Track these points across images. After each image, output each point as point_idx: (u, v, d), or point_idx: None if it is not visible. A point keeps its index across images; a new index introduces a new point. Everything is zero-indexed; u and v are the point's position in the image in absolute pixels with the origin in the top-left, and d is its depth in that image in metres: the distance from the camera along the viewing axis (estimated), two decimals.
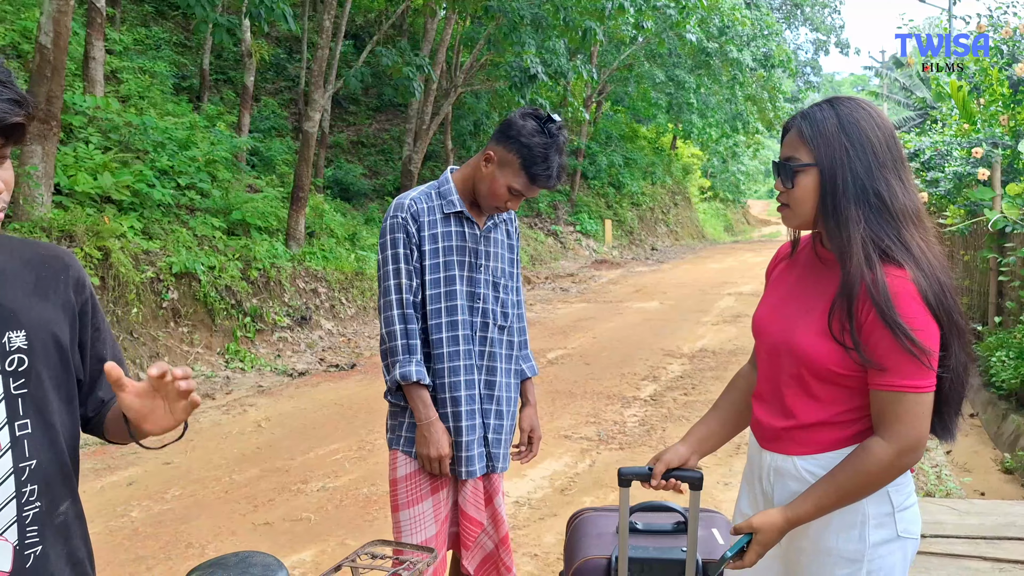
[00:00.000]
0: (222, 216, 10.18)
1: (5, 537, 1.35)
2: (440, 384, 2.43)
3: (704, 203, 35.34)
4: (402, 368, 2.36)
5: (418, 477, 2.45)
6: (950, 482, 4.94)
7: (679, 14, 15.30)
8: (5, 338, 1.35)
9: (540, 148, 2.32)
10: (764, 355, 1.81)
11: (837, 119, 1.63)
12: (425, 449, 2.38)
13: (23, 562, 1.36)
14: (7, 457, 1.34)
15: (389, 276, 2.41)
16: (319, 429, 6.12)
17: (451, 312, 2.42)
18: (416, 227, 2.40)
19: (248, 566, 1.51)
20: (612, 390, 7.25)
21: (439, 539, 2.48)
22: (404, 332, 2.38)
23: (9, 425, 1.35)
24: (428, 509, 2.46)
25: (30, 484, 1.37)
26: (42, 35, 7.22)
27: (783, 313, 1.75)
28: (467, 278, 2.44)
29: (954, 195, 8.17)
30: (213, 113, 13.48)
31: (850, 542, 1.64)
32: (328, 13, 10.77)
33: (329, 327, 10.26)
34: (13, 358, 1.35)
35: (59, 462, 1.42)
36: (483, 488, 2.55)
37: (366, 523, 4.31)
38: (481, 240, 2.47)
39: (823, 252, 1.72)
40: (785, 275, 1.85)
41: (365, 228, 13.93)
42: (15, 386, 1.36)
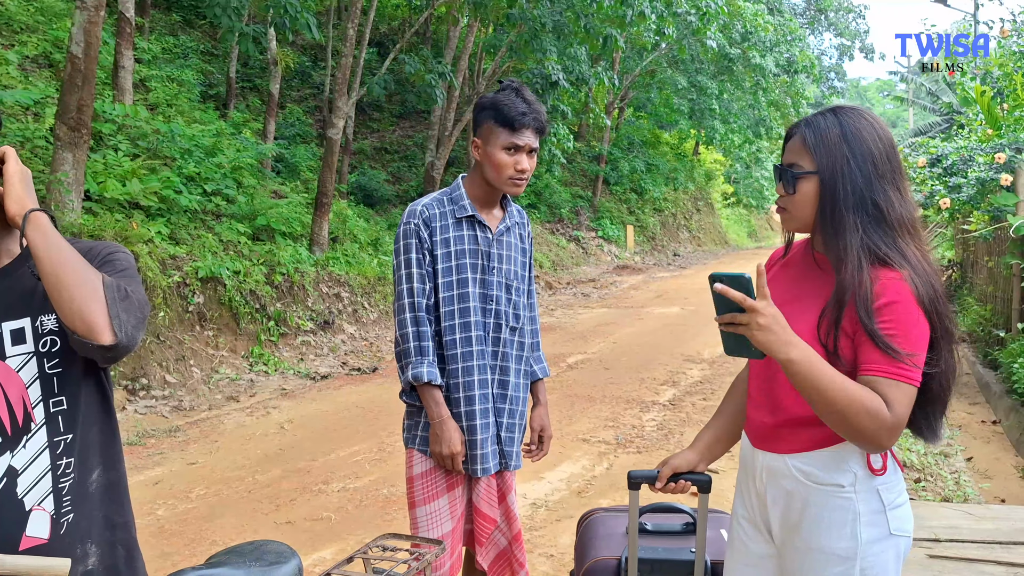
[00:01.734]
0: (247, 221, 10.35)
1: (43, 507, 1.46)
2: (454, 384, 2.49)
3: (727, 209, 35.20)
4: (414, 369, 2.43)
5: (434, 475, 2.52)
6: (969, 488, 4.92)
7: (700, 20, 15.30)
8: (38, 322, 1.48)
9: (503, 98, 2.44)
10: None
11: (840, 128, 1.68)
12: (438, 447, 2.44)
13: (57, 529, 1.47)
14: (42, 433, 1.47)
15: (402, 280, 2.48)
16: (340, 431, 6.21)
17: (464, 314, 2.48)
18: (428, 232, 2.47)
19: (262, 553, 1.60)
20: (631, 394, 7.28)
21: (455, 535, 2.55)
22: (417, 334, 2.45)
23: (44, 402, 1.47)
24: (444, 506, 2.52)
25: (65, 457, 1.49)
26: (73, 45, 7.39)
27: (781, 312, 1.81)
28: (480, 280, 2.50)
29: (977, 201, 8.11)
30: (239, 120, 13.68)
31: (842, 540, 1.67)
32: (352, 22, 10.91)
33: (352, 331, 10.38)
34: (46, 339, 1.48)
35: (90, 434, 1.54)
36: (496, 486, 2.61)
37: (385, 522, 4.38)
38: (493, 243, 2.53)
39: (818, 256, 1.77)
40: (779, 278, 1.90)
41: (388, 233, 14.05)
42: (49, 366, 1.48)
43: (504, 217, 2.59)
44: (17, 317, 1.47)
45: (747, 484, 1.89)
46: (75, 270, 1.43)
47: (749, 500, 1.88)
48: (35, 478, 1.46)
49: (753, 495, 1.86)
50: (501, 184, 2.47)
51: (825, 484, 1.69)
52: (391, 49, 20.60)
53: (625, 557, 2.28)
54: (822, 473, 1.70)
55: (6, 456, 1.43)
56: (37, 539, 1.46)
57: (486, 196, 2.54)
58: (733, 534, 1.97)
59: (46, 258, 1.41)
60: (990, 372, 8.07)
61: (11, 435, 1.43)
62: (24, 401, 1.45)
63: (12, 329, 1.46)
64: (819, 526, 1.69)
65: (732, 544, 1.97)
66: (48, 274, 1.41)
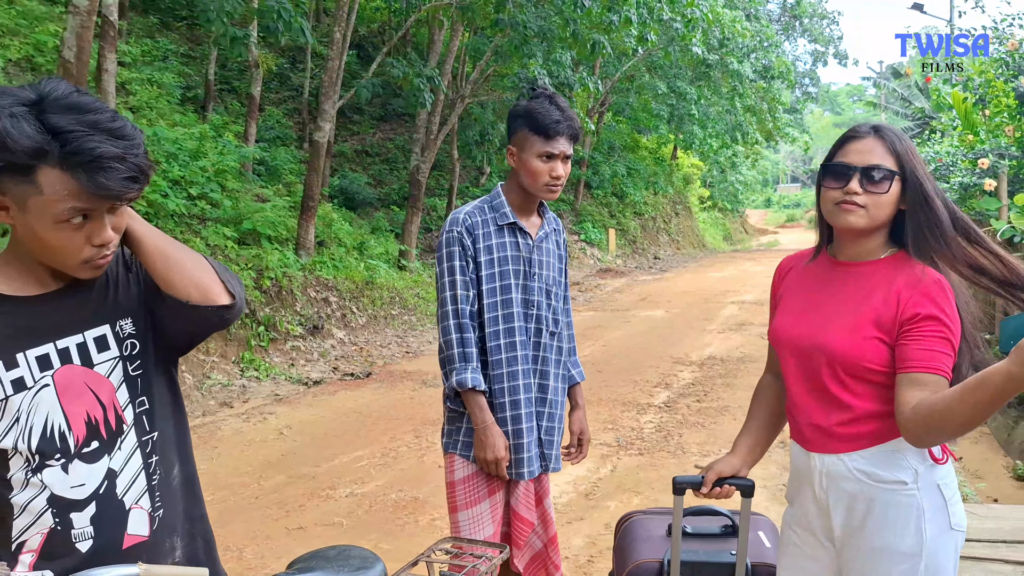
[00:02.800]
0: (233, 226, 10.28)
1: (140, 505, 1.51)
2: (499, 389, 2.53)
3: (703, 212, 35.52)
4: (459, 375, 2.47)
5: (476, 480, 2.55)
6: (965, 488, 5.03)
7: (685, 27, 15.44)
8: (117, 327, 1.52)
9: (536, 106, 2.49)
10: (794, 360, 1.90)
11: (908, 141, 1.79)
12: (483, 452, 2.48)
13: (153, 525, 1.52)
14: (132, 434, 1.52)
15: (446, 288, 2.52)
16: (341, 437, 6.21)
17: (508, 319, 2.53)
18: (471, 240, 2.52)
19: (347, 558, 1.64)
20: (626, 397, 7.35)
21: (495, 538, 2.59)
22: (460, 340, 2.49)
23: (132, 403, 1.53)
24: (486, 510, 2.56)
25: (153, 455, 1.55)
26: (66, 50, 7.33)
27: (811, 319, 1.86)
28: (522, 286, 2.55)
29: (960, 205, 8.30)
30: (219, 123, 13.58)
31: (907, 537, 1.72)
32: (339, 25, 10.90)
33: (341, 336, 10.35)
34: (127, 343, 1.53)
35: (169, 431, 1.59)
36: (534, 490, 2.66)
37: (398, 527, 4.40)
38: (534, 249, 2.58)
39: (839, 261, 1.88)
40: (800, 285, 1.97)
41: (372, 237, 14.03)
42: (132, 368, 1.53)
43: (543, 224, 2.64)
44: (97, 325, 1.50)
45: (802, 491, 1.92)
46: (180, 246, 1.51)
47: (804, 507, 1.91)
48: (131, 478, 1.51)
49: (810, 501, 1.89)
50: (537, 191, 2.52)
51: (888, 483, 1.74)
52: (371, 52, 20.64)
53: (667, 559, 2.33)
54: (883, 472, 1.74)
55: (105, 459, 1.48)
56: (138, 536, 1.51)
57: (524, 203, 2.58)
58: (785, 540, 2.02)
59: (149, 239, 1.48)
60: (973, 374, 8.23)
61: (107, 439, 1.48)
62: (115, 405, 1.50)
63: (95, 337, 1.49)
64: (884, 525, 1.74)
65: (786, 551, 2.01)
66: (154, 253, 1.47)
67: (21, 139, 1.26)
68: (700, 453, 5.67)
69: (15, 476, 1.43)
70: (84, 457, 1.46)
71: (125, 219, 1.44)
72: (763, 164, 38.23)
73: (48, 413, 1.43)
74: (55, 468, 1.43)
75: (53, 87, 1.33)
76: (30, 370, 1.42)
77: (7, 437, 1.41)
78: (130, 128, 1.35)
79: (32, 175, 1.30)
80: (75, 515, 1.45)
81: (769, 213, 62.70)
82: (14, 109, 1.28)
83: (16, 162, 1.28)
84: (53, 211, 1.32)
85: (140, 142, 1.36)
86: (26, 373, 1.42)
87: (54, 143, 1.28)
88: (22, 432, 1.41)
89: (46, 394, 1.43)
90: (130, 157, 1.32)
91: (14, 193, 1.32)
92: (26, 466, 1.43)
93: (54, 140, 1.28)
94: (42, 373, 1.43)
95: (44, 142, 1.28)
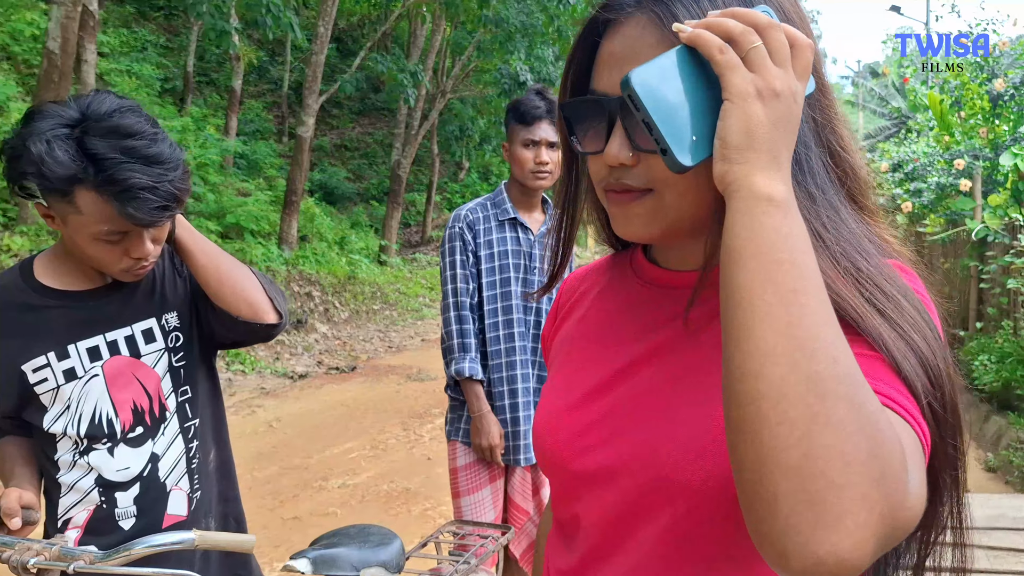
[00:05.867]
0: (216, 220, 10.28)
1: (180, 487, 1.60)
2: (497, 378, 2.61)
3: None
4: (457, 364, 2.56)
5: (477, 467, 2.64)
6: None
7: None
8: (163, 320, 1.60)
9: (522, 99, 2.62)
10: (597, 503, 0.83)
11: None
12: (478, 439, 2.57)
13: (191, 506, 1.61)
14: (175, 420, 1.61)
15: (447, 281, 2.62)
16: (330, 429, 6.27)
17: (507, 311, 2.61)
18: (472, 235, 2.60)
19: (368, 535, 1.70)
20: None
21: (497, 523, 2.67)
22: (460, 332, 2.58)
23: (175, 392, 1.61)
24: (487, 496, 2.65)
25: (194, 440, 1.63)
26: (50, 41, 7.30)
27: (630, 411, 0.82)
28: (522, 280, 2.63)
29: (935, 205, 8.48)
30: (199, 116, 13.52)
31: None
32: (323, 19, 10.90)
33: (324, 330, 10.38)
34: (172, 336, 1.61)
35: (208, 418, 1.68)
36: (531, 479, 2.74)
37: (391, 517, 4.48)
38: (535, 244, 2.66)
39: (656, 272, 0.90)
40: (601, 324, 0.94)
41: (353, 232, 14.05)
42: (176, 359, 1.61)
43: (546, 219, 2.71)
44: (144, 318, 1.58)
45: None
46: (230, 260, 1.59)
47: None
48: (173, 461, 1.59)
49: None
50: (525, 179, 2.59)
51: None
52: (351, 46, 20.58)
53: None
54: None
55: (148, 444, 1.56)
56: (177, 516, 1.59)
57: (524, 197, 2.66)
58: None
59: (201, 253, 1.55)
60: None
61: (151, 425, 1.57)
62: (160, 393, 1.58)
63: (143, 330, 1.57)
64: None
65: None
66: (206, 267, 1.55)
67: (55, 167, 1.32)
68: None
69: (63, 458, 1.53)
70: (129, 442, 1.54)
71: (166, 231, 1.50)
72: None
73: (97, 401, 1.52)
74: (102, 451, 1.52)
75: (97, 105, 1.38)
76: (81, 361, 1.51)
77: (57, 423, 1.51)
78: (168, 151, 1.39)
79: (71, 196, 1.36)
80: (119, 495, 1.54)
81: None
82: (54, 132, 1.34)
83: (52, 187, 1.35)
84: (90, 230, 1.40)
85: (177, 165, 1.40)
86: (77, 364, 1.51)
87: (90, 168, 1.34)
88: (72, 419, 1.51)
89: (96, 383, 1.52)
90: (163, 186, 1.36)
91: (56, 208, 1.40)
92: (74, 448, 1.52)
93: (91, 165, 1.34)
94: (92, 364, 1.52)
95: (79, 169, 1.33)
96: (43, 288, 1.52)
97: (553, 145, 2.57)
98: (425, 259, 15.43)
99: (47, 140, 1.33)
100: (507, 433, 2.61)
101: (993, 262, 7.19)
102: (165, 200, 1.38)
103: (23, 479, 1.54)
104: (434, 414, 6.68)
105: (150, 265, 1.50)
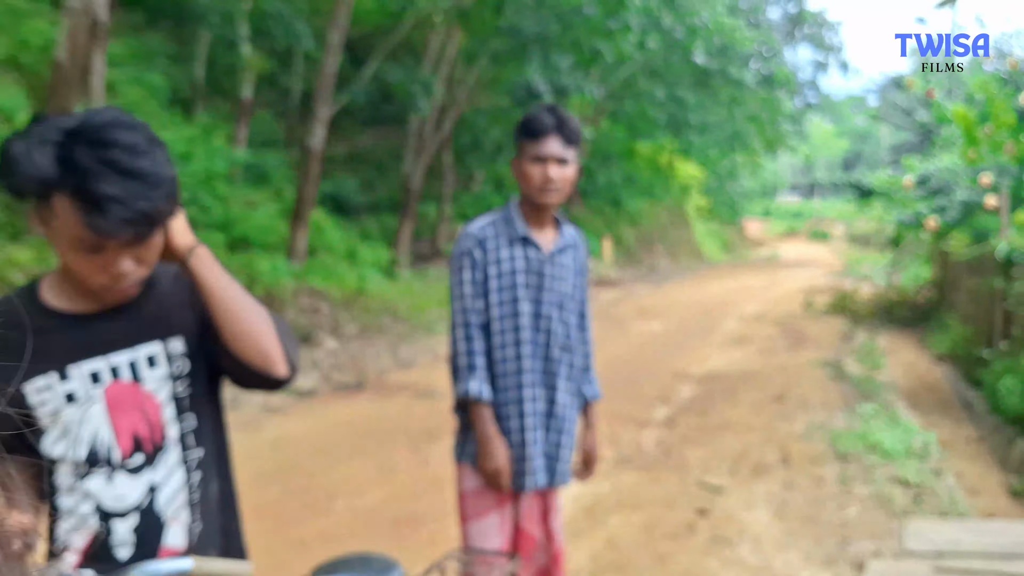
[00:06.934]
0: (223, 231, 10.19)
1: (178, 519, 1.58)
2: (505, 399, 2.53)
3: (701, 223, 35.54)
4: (464, 384, 2.49)
5: (485, 490, 2.55)
6: (963, 504, 5.01)
7: (687, 36, 15.44)
8: (170, 346, 1.58)
9: (530, 113, 2.55)
10: None
11: None
12: (484, 462, 2.49)
13: (190, 539, 1.59)
14: (176, 450, 1.58)
15: (456, 299, 2.55)
16: (336, 449, 6.12)
17: (516, 331, 2.53)
18: (482, 253, 2.53)
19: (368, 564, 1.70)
20: (624, 411, 7.27)
21: (503, 551, 2.57)
22: (468, 351, 2.51)
23: (177, 421, 1.58)
24: (495, 521, 2.56)
25: (195, 472, 1.61)
26: (59, 51, 7.24)
27: None
28: (532, 300, 2.55)
29: (960, 222, 8.29)
30: (207, 126, 13.44)
31: None
32: (336, 29, 10.82)
33: (332, 346, 10.24)
34: (177, 362, 1.59)
35: (210, 450, 1.65)
36: (539, 506, 2.66)
37: (398, 540, 4.34)
38: (546, 263, 2.57)
39: None
40: None
41: (362, 244, 13.93)
42: (180, 387, 1.59)
43: (558, 237, 2.62)
44: (148, 343, 1.56)
45: None
46: (249, 304, 1.56)
47: None
48: (172, 493, 1.57)
49: None
50: (533, 195, 2.51)
51: None
52: (361, 55, 20.52)
53: None
54: None
55: (148, 473, 1.54)
56: (175, 548, 1.57)
57: (535, 214, 2.58)
58: None
59: (219, 293, 1.53)
60: (973, 391, 8.21)
61: (151, 454, 1.55)
62: (161, 422, 1.56)
63: (147, 355, 1.55)
64: None
65: None
66: (221, 309, 1.52)
67: (29, 169, 1.33)
68: (702, 469, 5.62)
69: (62, 483, 1.52)
70: (128, 471, 1.53)
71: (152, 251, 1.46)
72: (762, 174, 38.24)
73: (96, 426, 1.51)
74: (100, 478, 1.52)
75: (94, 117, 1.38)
76: (82, 384, 1.50)
77: (57, 447, 1.50)
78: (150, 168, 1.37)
79: (49, 200, 1.37)
80: (117, 523, 1.53)
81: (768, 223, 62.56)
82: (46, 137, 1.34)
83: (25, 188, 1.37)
84: (66, 236, 1.39)
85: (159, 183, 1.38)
86: (78, 387, 1.50)
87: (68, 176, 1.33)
88: (71, 443, 1.50)
89: (96, 408, 1.51)
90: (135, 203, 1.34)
91: (41, 214, 1.40)
92: (73, 474, 1.51)
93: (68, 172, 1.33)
94: (93, 387, 1.51)
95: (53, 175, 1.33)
96: (46, 309, 1.52)
97: (562, 161, 2.49)
98: (436, 272, 15.30)
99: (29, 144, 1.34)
100: (515, 457, 2.53)
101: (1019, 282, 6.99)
102: (134, 216, 1.35)
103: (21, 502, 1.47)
104: (443, 434, 6.50)
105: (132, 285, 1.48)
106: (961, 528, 4.48)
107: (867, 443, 6.09)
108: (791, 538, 4.45)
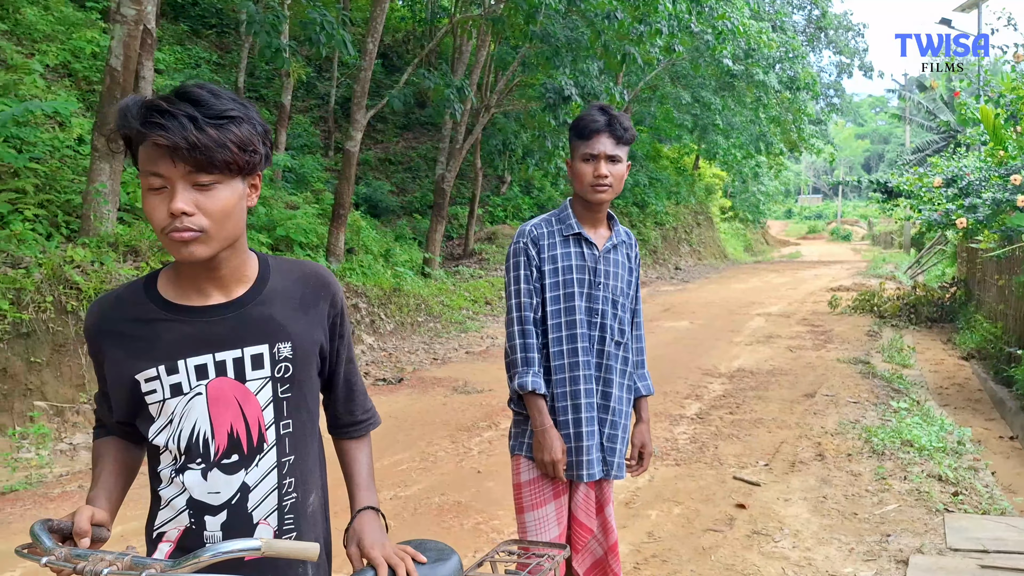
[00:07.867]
0: (267, 232, 10.47)
1: (267, 522, 1.58)
2: (560, 393, 2.62)
3: (725, 223, 35.49)
4: (520, 379, 2.58)
5: (541, 482, 2.64)
6: (1003, 501, 5.06)
7: (716, 39, 15.52)
8: (276, 348, 1.57)
9: (582, 114, 2.63)
10: None
11: None
12: (540, 454, 2.58)
13: None
14: (272, 453, 1.58)
15: (512, 295, 2.64)
16: (379, 441, 6.32)
17: (571, 326, 2.62)
18: (536, 250, 2.63)
19: (426, 550, 1.73)
20: (657, 408, 7.42)
21: (560, 541, 2.67)
22: (524, 346, 2.60)
23: (276, 424, 1.58)
24: (552, 512, 2.65)
25: (289, 477, 1.60)
26: (112, 58, 7.52)
27: None
28: (587, 295, 2.64)
29: (990, 221, 8.33)
30: None
31: None
32: (372, 36, 11.07)
33: (370, 342, 10.49)
34: (281, 366, 1.58)
35: (311, 458, 1.65)
36: (595, 497, 2.73)
37: (444, 530, 4.50)
38: (600, 260, 2.66)
39: None
40: None
41: (397, 245, 14.19)
42: (282, 390, 1.58)
43: (611, 236, 2.71)
44: (256, 343, 1.56)
45: None
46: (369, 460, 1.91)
47: None
48: (263, 495, 1.57)
49: None
50: (584, 193, 2.60)
51: None
52: (395, 61, 20.83)
53: None
54: None
55: (241, 473, 1.55)
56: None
57: (588, 213, 2.67)
58: None
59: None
60: (1003, 389, 8.26)
61: (247, 454, 1.55)
62: (260, 423, 1.56)
63: (253, 354, 1.55)
64: None
65: None
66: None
67: (122, 119, 1.41)
68: (737, 464, 5.74)
69: (164, 472, 1.56)
70: (223, 467, 1.54)
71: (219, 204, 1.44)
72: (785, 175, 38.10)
73: (197, 420, 1.52)
74: (196, 472, 1.53)
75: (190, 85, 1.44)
76: (188, 377, 1.51)
77: (161, 435, 1.53)
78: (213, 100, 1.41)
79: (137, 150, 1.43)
80: (208, 518, 1.54)
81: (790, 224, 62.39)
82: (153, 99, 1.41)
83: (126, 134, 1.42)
84: (144, 178, 1.43)
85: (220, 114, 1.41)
86: (184, 380, 1.51)
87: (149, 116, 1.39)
88: (173, 433, 1.53)
89: (198, 402, 1.52)
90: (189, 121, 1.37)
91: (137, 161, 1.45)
92: (173, 464, 1.54)
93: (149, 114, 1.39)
94: (198, 381, 1.52)
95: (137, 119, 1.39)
96: (162, 300, 1.54)
97: (613, 158, 2.58)
98: (468, 272, 15.53)
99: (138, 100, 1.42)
100: (570, 448, 2.61)
101: None
102: (184, 130, 1.36)
103: (103, 489, 1.57)
104: (481, 427, 6.71)
105: (187, 233, 1.41)
106: (1004, 525, 4.44)
107: (902, 439, 6.14)
108: (831, 533, 4.49)
